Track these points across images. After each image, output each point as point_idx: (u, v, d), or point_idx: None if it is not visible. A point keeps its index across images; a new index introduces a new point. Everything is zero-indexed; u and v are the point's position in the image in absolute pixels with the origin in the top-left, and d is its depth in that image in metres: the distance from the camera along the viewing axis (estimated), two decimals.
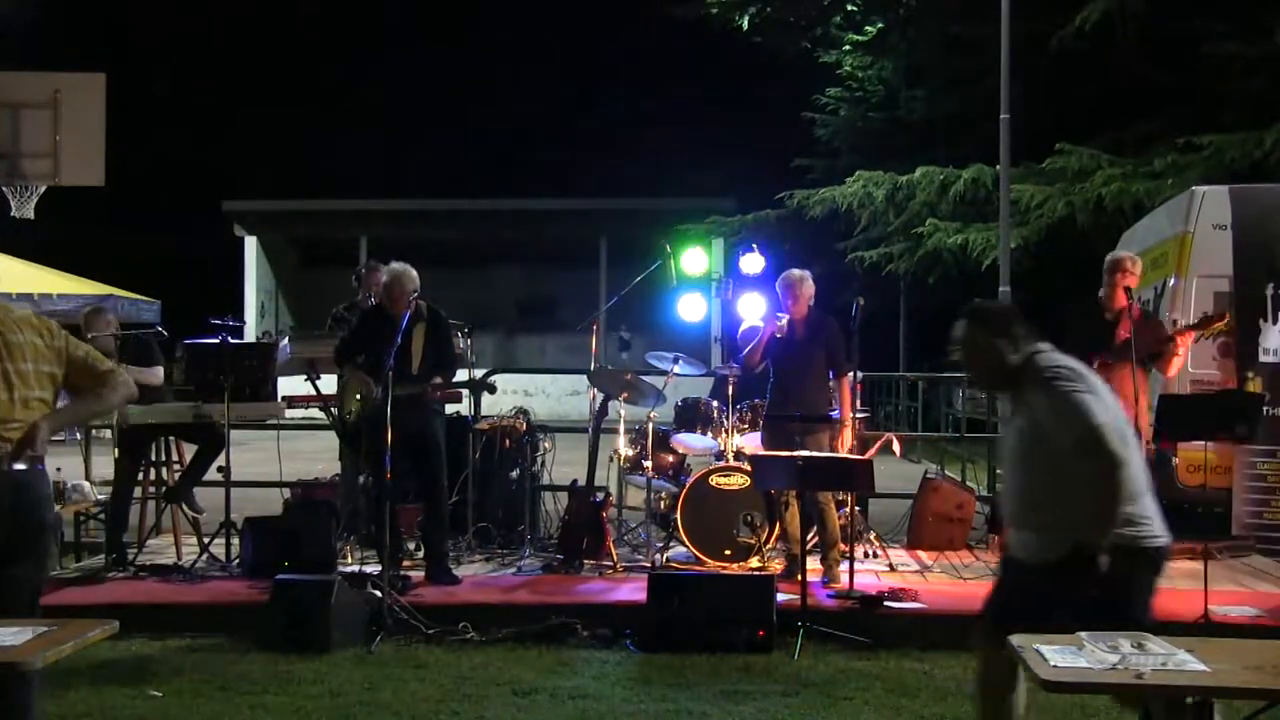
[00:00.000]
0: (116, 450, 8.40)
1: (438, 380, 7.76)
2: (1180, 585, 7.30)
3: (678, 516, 8.20)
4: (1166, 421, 6.83)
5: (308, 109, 39.99)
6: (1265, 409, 8.04)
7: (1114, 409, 4.23)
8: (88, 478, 9.33)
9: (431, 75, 40.20)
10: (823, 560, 7.84)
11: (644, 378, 8.79)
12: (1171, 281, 9.53)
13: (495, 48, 43.85)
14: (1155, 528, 4.20)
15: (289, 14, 39.74)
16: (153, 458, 8.68)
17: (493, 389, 8.33)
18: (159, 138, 34.13)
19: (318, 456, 10.55)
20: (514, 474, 9.01)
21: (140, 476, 8.66)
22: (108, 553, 8.27)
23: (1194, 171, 15.31)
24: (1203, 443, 7.43)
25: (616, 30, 36.86)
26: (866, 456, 7.84)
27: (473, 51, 42.16)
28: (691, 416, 8.73)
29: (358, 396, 7.88)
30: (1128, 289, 7.49)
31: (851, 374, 8.18)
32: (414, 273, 7.73)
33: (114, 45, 33.37)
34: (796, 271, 8.05)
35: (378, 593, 6.85)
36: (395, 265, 7.78)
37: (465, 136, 40.02)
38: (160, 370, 8.56)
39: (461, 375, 8.42)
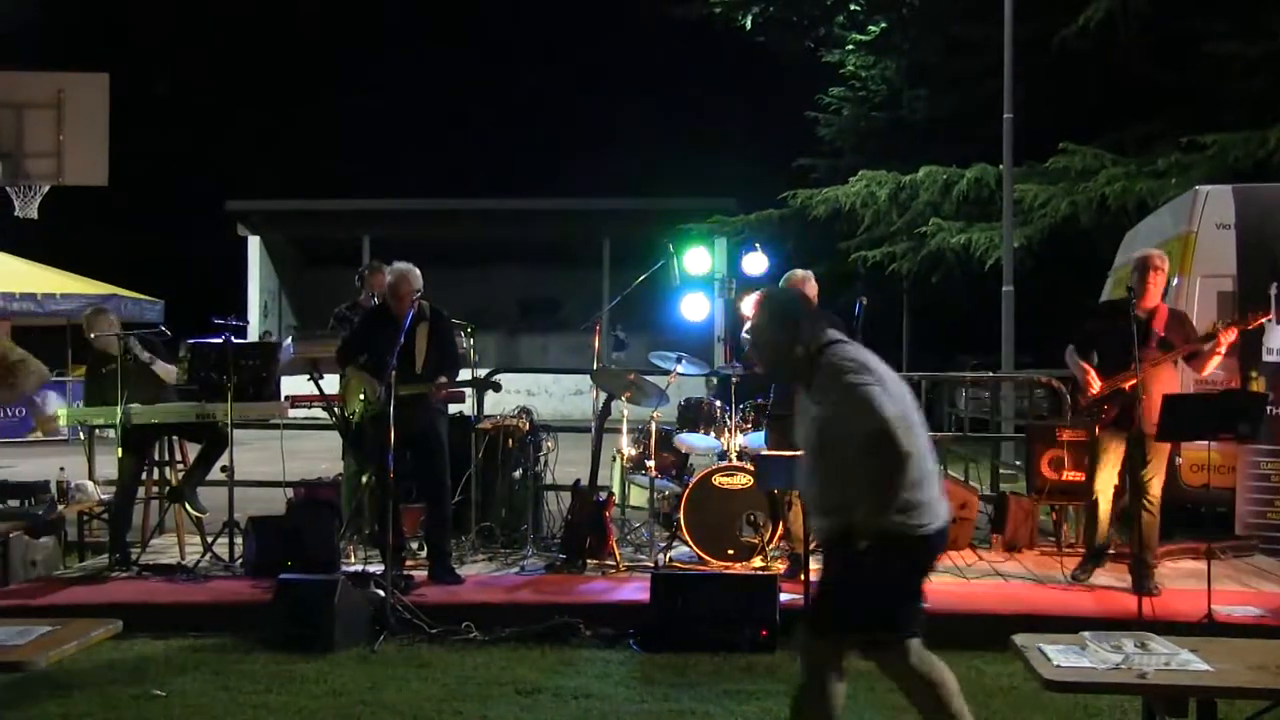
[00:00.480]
0: (120, 450, 8.41)
1: (442, 380, 7.77)
2: (1184, 585, 7.30)
3: (681, 516, 8.20)
4: (1170, 421, 6.81)
5: (310, 109, 40.05)
6: (1269, 408, 8.03)
7: (903, 399, 4.34)
8: (91, 477, 9.34)
9: (434, 75, 40.24)
10: None
11: (647, 377, 8.79)
12: (1175, 281, 9.50)
13: (498, 47, 43.90)
14: (929, 514, 4.26)
15: (291, 14, 39.79)
16: (156, 457, 8.69)
17: (498, 387, 8.35)
18: (162, 138, 34.16)
19: (320, 456, 10.56)
20: (517, 474, 9.01)
21: (143, 476, 8.66)
22: (111, 552, 8.27)
23: (1197, 171, 15.29)
24: (1206, 442, 7.40)
25: (619, 30, 36.88)
26: None
27: (475, 51, 42.21)
28: (694, 416, 8.73)
29: (361, 396, 7.88)
30: (1130, 289, 7.43)
31: None
32: (417, 272, 7.74)
33: (118, 45, 33.40)
34: (799, 272, 8.05)
35: (381, 592, 6.85)
36: (399, 265, 7.79)
37: (468, 136, 40.10)
38: (174, 368, 8.56)
39: (465, 375, 8.42)
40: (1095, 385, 7.38)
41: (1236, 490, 8.76)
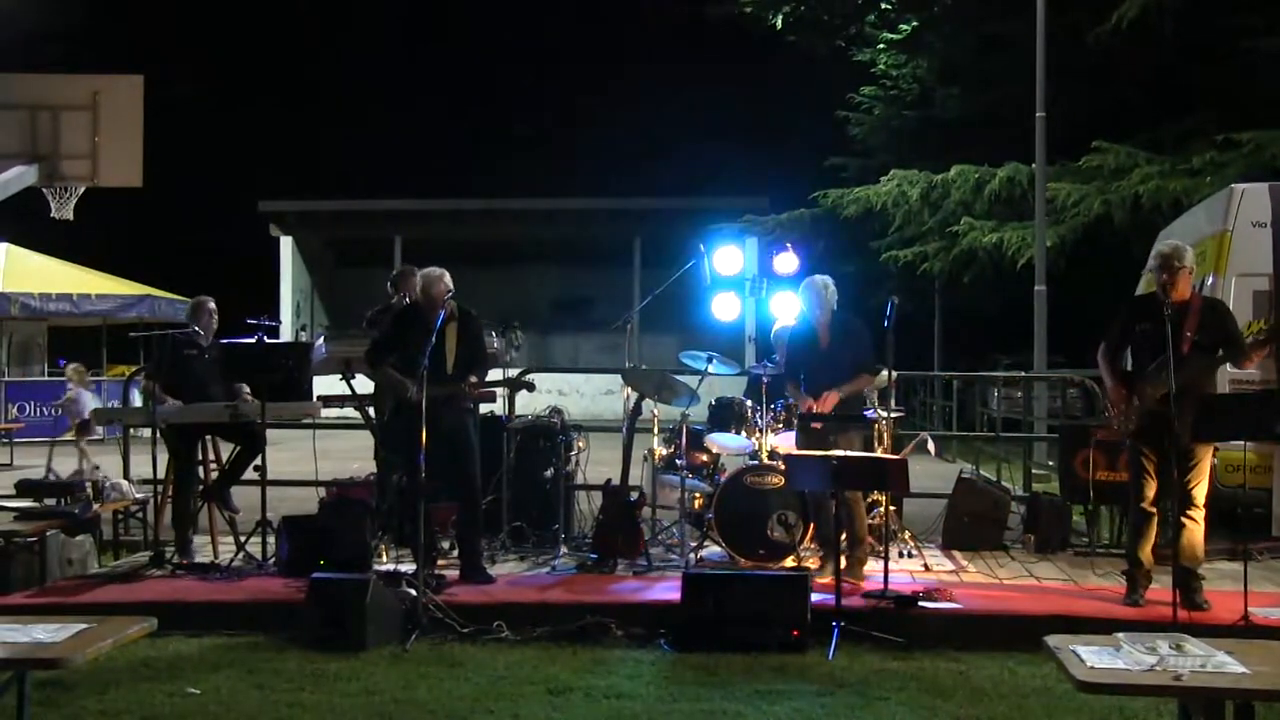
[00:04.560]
0: (163, 450, 8.44)
1: (474, 379, 7.80)
2: (1220, 586, 7.23)
3: (712, 516, 8.19)
4: (1205, 421, 6.71)
5: (344, 110, 40.26)
6: None
7: None
8: (126, 476, 9.40)
9: (469, 76, 40.41)
10: (848, 558, 7.80)
11: (678, 377, 8.78)
12: (1210, 280, 9.43)
13: (531, 48, 43.99)
14: None
15: (327, 17, 40.00)
16: (199, 456, 8.73)
17: (531, 387, 8.35)
18: (196, 138, 34.43)
19: (352, 455, 10.60)
20: (548, 473, 9.02)
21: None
22: (178, 551, 8.31)
23: (1233, 169, 15.16)
24: (1243, 442, 7.31)
25: (651, 30, 36.93)
26: (901, 456, 7.81)
27: (508, 52, 42.34)
28: (725, 416, 8.71)
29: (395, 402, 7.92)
30: (1163, 286, 7.21)
31: (884, 372, 8.16)
32: (448, 275, 7.79)
33: (152, 47, 33.67)
34: (820, 278, 8.01)
35: (413, 591, 6.87)
36: (431, 270, 7.82)
37: (501, 137, 40.22)
38: None
39: (496, 374, 8.44)
40: (1120, 404, 7.01)
41: (1273, 490, 8.68)
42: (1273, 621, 6.54)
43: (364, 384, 8.91)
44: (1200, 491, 6.94)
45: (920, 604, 7.01)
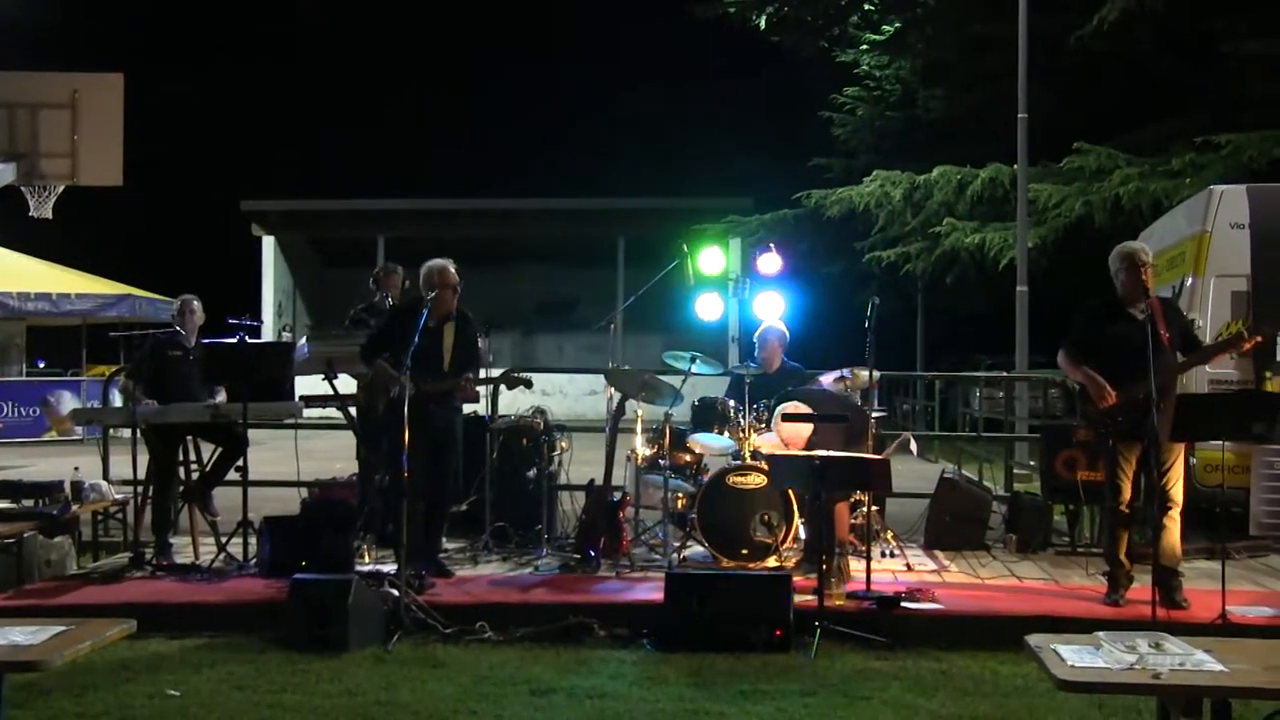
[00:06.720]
0: (143, 450, 8.40)
1: (469, 375, 7.79)
2: (1198, 585, 7.27)
3: (695, 516, 8.20)
4: (1183, 421, 6.74)
5: (327, 109, 40.16)
6: None
7: None
8: (106, 477, 9.37)
9: (450, 75, 40.36)
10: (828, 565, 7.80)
11: (661, 377, 8.78)
12: (1189, 281, 9.48)
13: (514, 49, 43.96)
14: None
15: (309, 16, 39.92)
16: (180, 457, 8.70)
17: (529, 383, 8.27)
18: (178, 137, 34.30)
19: (335, 456, 10.58)
20: (531, 473, 9.01)
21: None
22: (157, 552, 8.26)
23: (1212, 171, 15.24)
24: (1221, 442, 7.34)
25: (635, 30, 36.94)
26: (884, 456, 7.82)
27: (492, 52, 42.30)
28: (708, 416, 8.72)
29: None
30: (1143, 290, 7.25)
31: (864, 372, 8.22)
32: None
33: (134, 44, 33.55)
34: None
35: (395, 592, 6.86)
36: (435, 261, 7.76)
37: (483, 136, 40.16)
38: None
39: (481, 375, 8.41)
40: (1110, 398, 6.98)
41: (1251, 490, 8.73)
42: (1250, 620, 6.59)
43: (346, 384, 8.88)
44: (1178, 491, 6.99)
45: (903, 604, 7.02)
